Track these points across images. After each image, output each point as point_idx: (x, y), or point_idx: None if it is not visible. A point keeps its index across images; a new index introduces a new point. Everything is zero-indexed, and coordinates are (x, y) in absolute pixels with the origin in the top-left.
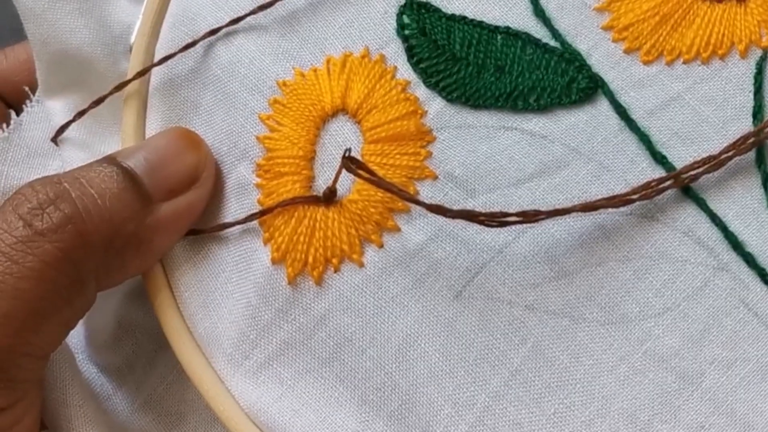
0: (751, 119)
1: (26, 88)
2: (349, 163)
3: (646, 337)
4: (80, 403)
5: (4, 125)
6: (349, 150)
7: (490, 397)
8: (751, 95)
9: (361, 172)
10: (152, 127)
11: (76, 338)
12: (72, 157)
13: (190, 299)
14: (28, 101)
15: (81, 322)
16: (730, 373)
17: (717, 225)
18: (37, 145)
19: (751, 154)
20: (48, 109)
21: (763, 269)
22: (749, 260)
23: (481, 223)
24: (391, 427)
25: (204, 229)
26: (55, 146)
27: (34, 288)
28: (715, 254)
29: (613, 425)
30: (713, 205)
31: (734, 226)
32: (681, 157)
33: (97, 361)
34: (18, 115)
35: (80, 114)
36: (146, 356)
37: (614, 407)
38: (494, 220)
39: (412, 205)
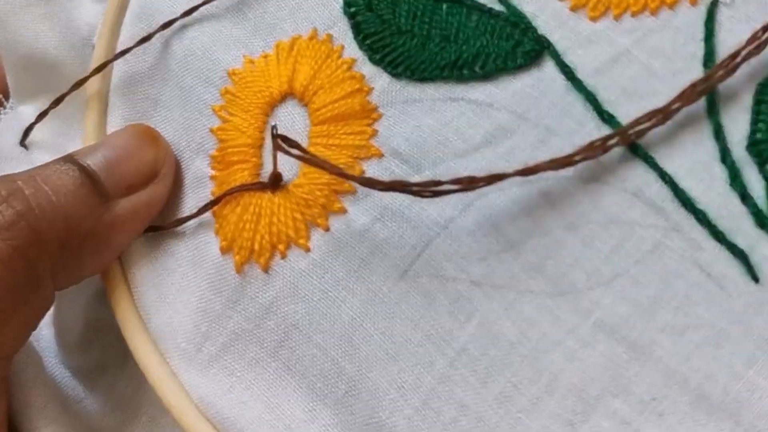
0: (701, 69)
1: (0, 96)
2: (281, 142)
3: (594, 307)
4: (43, 404)
5: None
6: (275, 127)
7: (436, 378)
8: (702, 43)
9: (292, 150)
10: (113, 126)
11: (46, 341)
12: (41, 160)
13: (146, 294)
14: (1, 108)
15: (50, 324)
16: (682, 341)
17: (667, 183)
18: (10, 150)
19: (702, 105)
20: (20, 115)
21: (715, 226)
22: (701, 218)
23: (414, 193)
24: (338, 415)
25: (162, 225)
26: (25, 150)
27: None
28: (666, 214)
29: (561, 402)
30: (663, 163)
31: (685, 183)
32: (629, 114)
33: (68, 363)
34: None
35: (42, 115)
36: (117, 357)
37: (562, 383)
38: (427, 189)
39: (358, 186)
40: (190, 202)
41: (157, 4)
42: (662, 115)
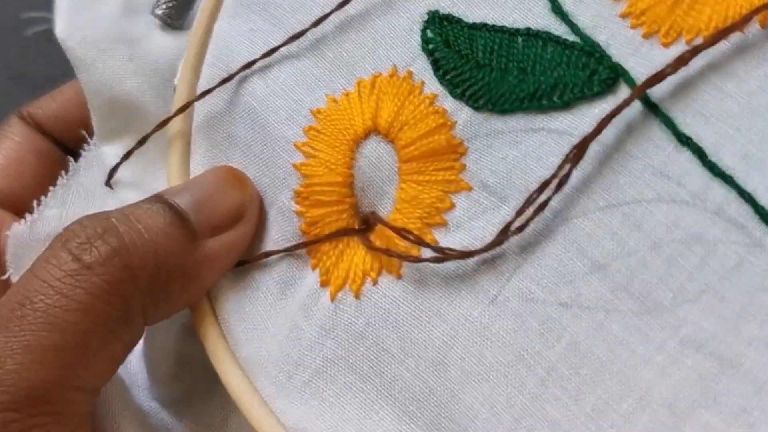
0: None
1: (84, 132)
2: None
3: (681, 323)
4: None
5: (63, 172)
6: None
7: (527, 397)
8: None
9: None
10: (196, 164)
11: (135, 374)
12: (128, 198)
13: (235, 325)
14: (85, 145)
15: (140, 357)
16: None
17: (747, 200)
18: (95, 188)
19: None
20: (103, 155)
21: None
22: None
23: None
24: None
25: (249, 258)
26: (111, 190)
27: (82, 320)
28: (748, 231)
29: (653, 416)
30: (742, 181)
31: (765, 200)
32: (707, 137)
33: (156, 396)
34: (76, 160)
35: (126, 156)
36: (204, 389)
37: (653, 398)
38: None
39: (449, 218)
40: (274, 236)
41: (237, 45)
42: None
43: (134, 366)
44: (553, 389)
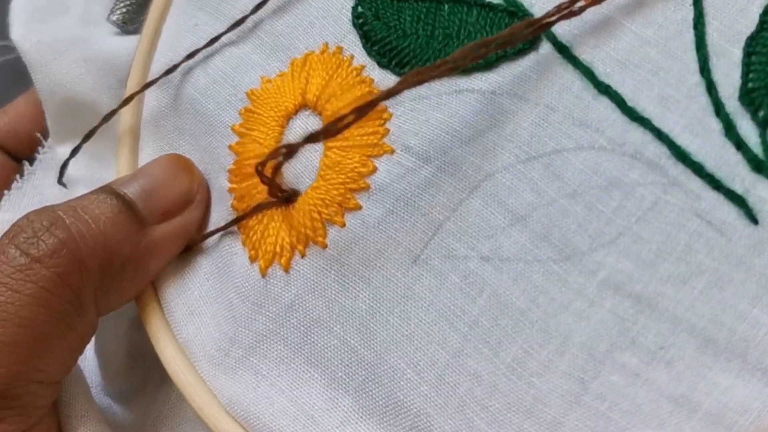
0: (692, 32)
1: (38, 135)
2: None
3: (599, 267)
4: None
5: (18, 176)
6: (261, 165)
7: (450, 354)
8: (692, 7)
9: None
10: (145, 157)
11: (90, 371)
12: None
13: (175, 309)
14: (40, 148)
15: (93, 353)
16: (686, 288)
17: (664, 141)
18: (50, 190)
19: (694, 64)
20: (59, 156)
21: (712, 175)
22: (698, 170)
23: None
24: (358, 401)
25: (190, 243)
26: (65, 189)
27: (36, 314)
28: (665, 171)
29: (572, 362)
30: (659, 123)
31: (681, 140)
32: (626, 84)
33: (111, 389)
34: (31, 164)
35: (75, 151)
36: (155, 381)
37: (572, 344)
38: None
39: (372, 182)
40: (214, 217)
41: (182, 40)
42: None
43: (89, 361)
44: (474, 343)
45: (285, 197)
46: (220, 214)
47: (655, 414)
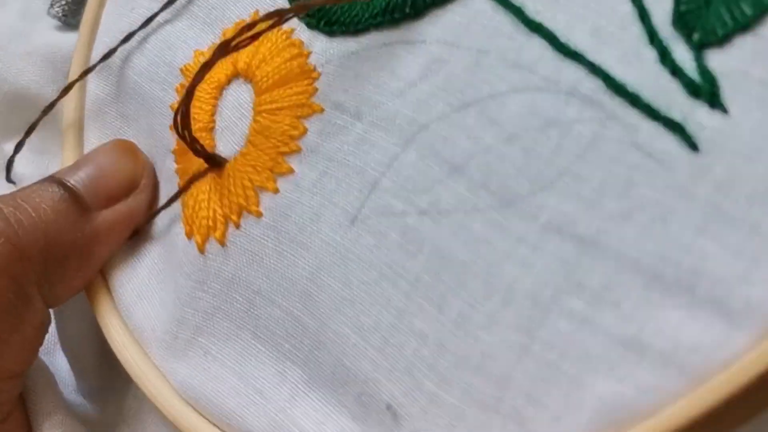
0: None
1: None
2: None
3: (540, 211)
4: (60, 420)
5: None
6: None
7: (393, 314)
8: None
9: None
10: (90, 147)
11: (61, 370)
12: None
13: (125, 295)
14: None
15: (62, 353)
16: (629, 224)
17: (599, 75)
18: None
19: None
20: (5, 153)
21: (649, 105)
22: (634, 100)
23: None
24: (306, 371)
25: (137, 228)
26: (14, 185)
27: None
28: (602, 105)
29: (518, 312)
30: (592, 57)
31: (616, 72)
32: (558, 20)
33: (81, 389)
34: None
35: (19, 145)
36: (125, 376)
37: (517, 293)
38: None
39: (303, 145)
40: (163, 201)
41: (120, 24)
42: None
43: (59, 361)
44: (418, 301)
45: (206, 157)
46: (168, 196)
47: (605, 359)
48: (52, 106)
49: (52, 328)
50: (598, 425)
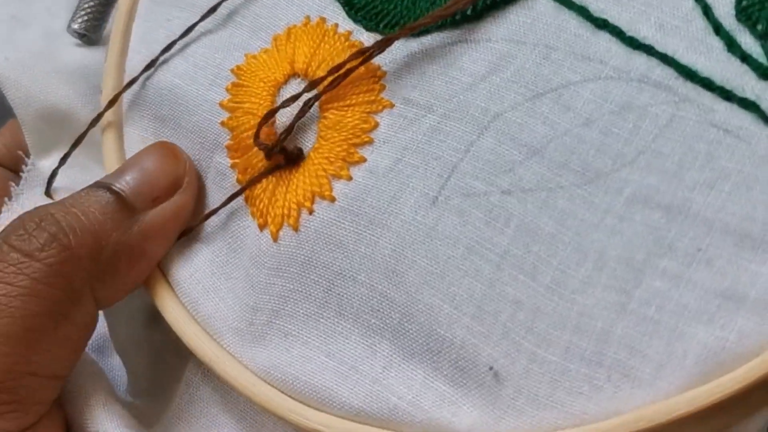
0: None
1: (20, 153)
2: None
3: (624, 185)
4: (117, 410)
5: (6, 198)
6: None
7: (485, 284)
8: None
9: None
10: (130, 152)
11: (117, 371)
12: None
13: (189, 290)
14: (23, 166)
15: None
16: (714, 192)
17: (669, 64)
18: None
19: None
20: (41, 170)
21: (722, 87)
22: (707, 84)
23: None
24: (396, 343)
25: (192, 224)
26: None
27: (27, 305)
28: (674, 90)
29: (612, 275)
30: (661, 48)
31: (685, 60)
32: (623, 18)
33: (133, 391)
34: (17, 184)
35: (63, 160)
36: (176, 376)
37: (609, 258)
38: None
39: (375, 137)
40: (216, 197)
41: (156, 34)
42: None
43: (115, 364)
44: (509, 271)
45: (290, 156)
46: (224, 192)
47: (704, 310)
48: (98, 118)
49: (105, 331)
50: (702, 368)
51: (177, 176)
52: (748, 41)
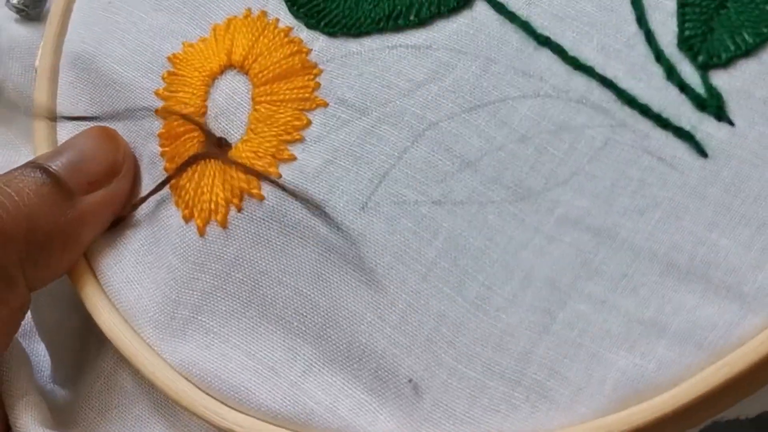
0: None
1: None
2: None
3: (555, 205)
4: (34, 402)
5: None
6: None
7: (410, 295)
8: None
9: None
10: (64, 135)
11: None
12: None
13: (112, 279)
14: None
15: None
16: (644, 219)
17: (608, 86)
18: None
19: (631, 16)
20: None
21: (659, 114)
22: (645, 110)
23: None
24: (318, 348)
25: (122, 213)
26: None
27: None
28: (612, 114)
29: (537, 295)
30: (601, 71)
31: (625, 84)
32: (565, 35)
33: (56, 378)
34: None
35: None
36: (95, 363)
37: (535, 278)
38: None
39: (306, 135)
40: (148, 186)
41: (95, 14)
42: None
43: (37, 347)
44: (435, 284)
45: (217, 144)
46: (153, 180)
47: (626, 337)
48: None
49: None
50: (620, 395)
51: (115, 161)
52: (687, 71)
